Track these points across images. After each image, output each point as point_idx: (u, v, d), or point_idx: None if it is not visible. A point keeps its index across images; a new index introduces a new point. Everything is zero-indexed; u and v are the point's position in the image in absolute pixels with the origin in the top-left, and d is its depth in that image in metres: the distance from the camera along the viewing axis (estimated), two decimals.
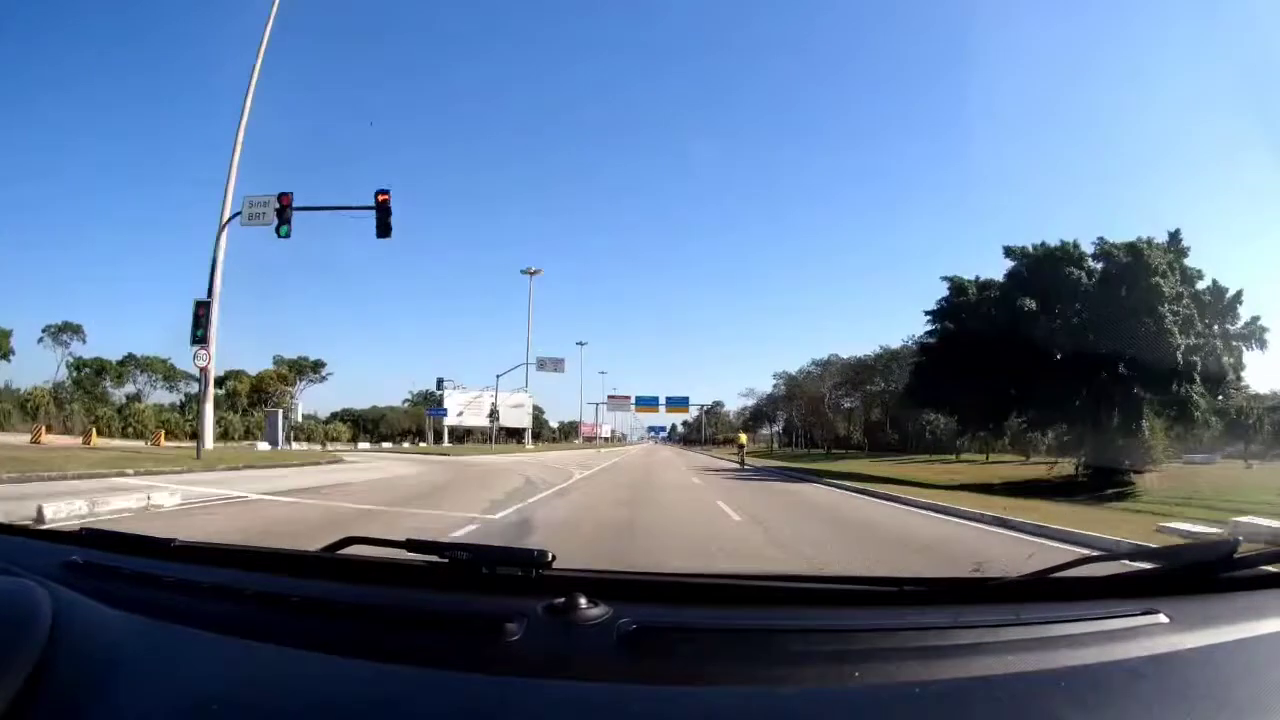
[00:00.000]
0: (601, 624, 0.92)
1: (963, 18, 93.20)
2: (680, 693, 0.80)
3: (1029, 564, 1.27)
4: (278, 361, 73.93)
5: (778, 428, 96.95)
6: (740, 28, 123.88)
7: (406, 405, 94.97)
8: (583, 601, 0.94)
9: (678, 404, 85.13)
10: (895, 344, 61.17)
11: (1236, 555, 1.06)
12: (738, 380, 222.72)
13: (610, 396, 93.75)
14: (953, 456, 45.15)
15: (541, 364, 71.30)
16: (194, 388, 68.13)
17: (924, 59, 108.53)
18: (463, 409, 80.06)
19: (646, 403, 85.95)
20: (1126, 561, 1.39)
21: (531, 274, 72.93)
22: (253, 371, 70.11)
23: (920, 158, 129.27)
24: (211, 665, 0.86)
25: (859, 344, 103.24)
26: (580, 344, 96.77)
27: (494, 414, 70.38)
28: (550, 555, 1.05)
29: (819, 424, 76.92)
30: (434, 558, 1.13)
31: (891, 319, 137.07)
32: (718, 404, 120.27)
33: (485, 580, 1.07)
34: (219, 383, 69.47)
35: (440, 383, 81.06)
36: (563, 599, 0.94)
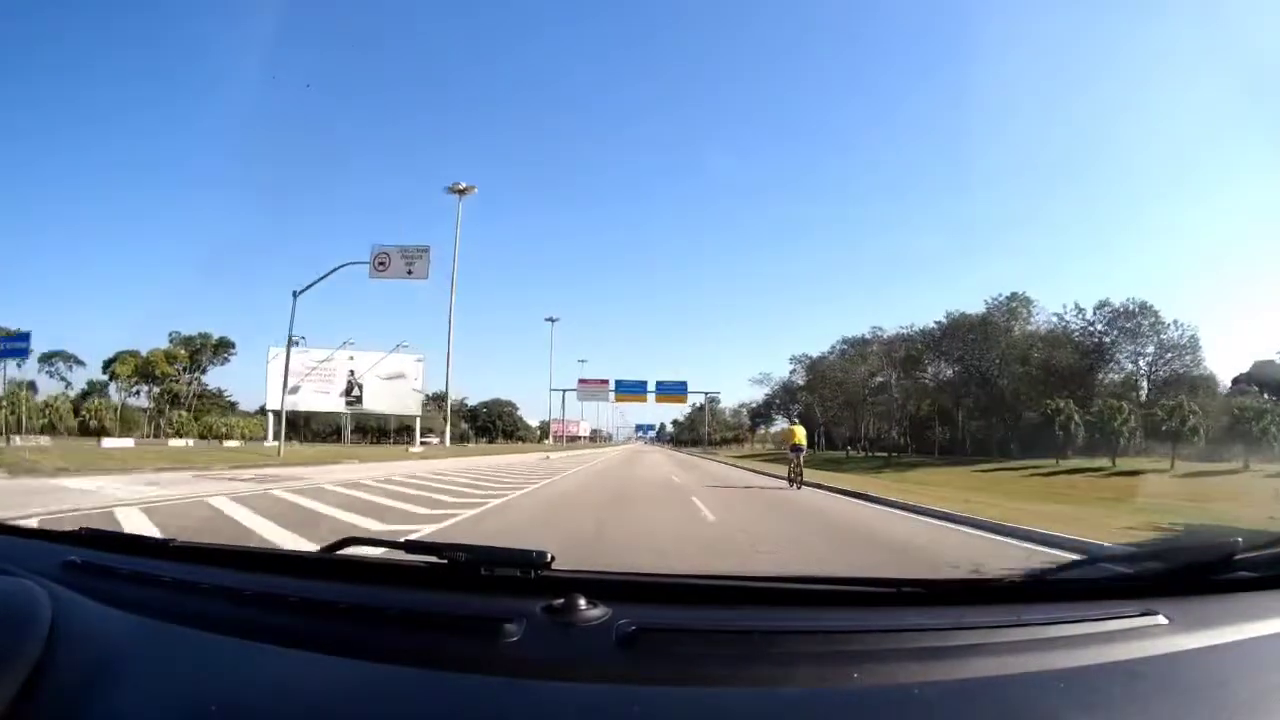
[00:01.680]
0: (600, 625, 0.92)
1: None
2: (679, 693, 0.80)
3: (1028, 565, 1.25)
4: (174, 339, 60.31)
5: (779, 425, 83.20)
6: None
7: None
8: (582, 602, 0.94)
9: (671, 391, 63.36)
10: (972, 308, 47.58)
11: (1236, 556, 1.05)
12: (739, 372, 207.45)
13: (582, 381, 68.04)
14: (1106, 463, 29.37)
15: (379, 264, 30.90)
16: (76, 372, 55.46)
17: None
18: (299, 382, 46.40)
19: (629, 389, 63.50)
20: (1125, 563, 1.36)
21: (460, 193, 48.72)
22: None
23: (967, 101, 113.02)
24: (210, 665, 0.87)
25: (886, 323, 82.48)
26: (550, 320, 74.33)
27: (351, 390, 49.39)
28: (549, 556, 1.05)
29: (851, 419, 60.46)
30: (433, 559, 1.12)
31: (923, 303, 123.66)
32: (713, 399, 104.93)
33: (484, 581, 1.07)
34: (103, 366, 56.57)
35: (296, 342, 51.31)
36: (561, 600, 0.94)
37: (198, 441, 43.78)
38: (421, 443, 58.00)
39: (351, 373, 52.13)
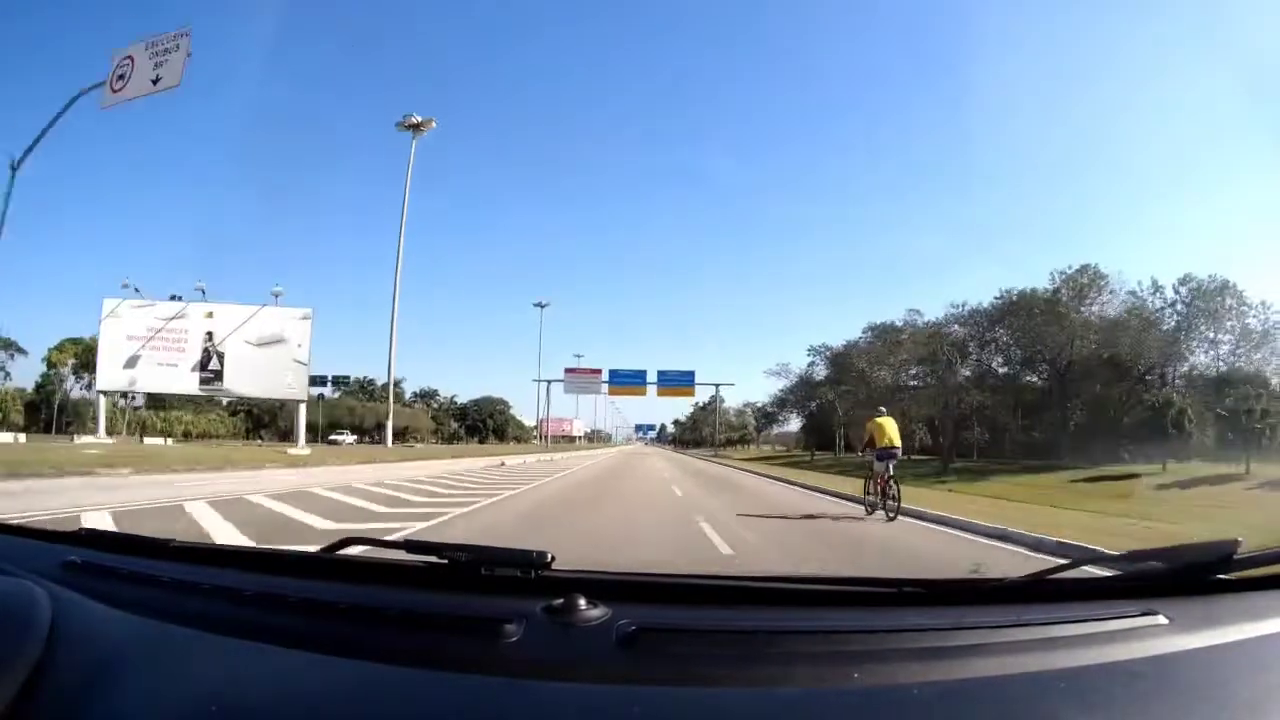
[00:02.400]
0: (600, 625, 0.92)
1: None
2: (680, 694, 0.80)
3: (1028, 565, 1.24)
4: None
5: (789, 426, 71.26)
6: None
7: (338, 393, 72.78)
8: (582, 602, 0.94)
9: (675, 383, 53.72)
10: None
11: (1236, 556, 1.05)
12: (744, 371, 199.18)
13: (569, 371, 57.43)
14: (1235, 469, 22.77)
15: (118, 79, 18.71)
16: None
17: None
18: (140, 349, 34.79)
19: (626, 380, 53.72)
20: (1126, 563, 1.35)
21: (414, 128, 37.93)
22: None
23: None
24: (210, 666, 0.87)
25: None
26: (540, 305, 63.77)
27: (207, 362, 34.46)
28: (549, 556, 1.05)
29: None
30: (433, 558, 1.12)
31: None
32: (716, 396, 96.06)
33: (484, 581, 1.07)
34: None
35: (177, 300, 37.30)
36: (562, 600, 0.95)
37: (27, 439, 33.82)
38: (329, 440, 46.21)
39: (209, 336, 35.70)
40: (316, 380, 56.26)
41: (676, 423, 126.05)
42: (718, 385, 69.01)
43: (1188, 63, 69.51)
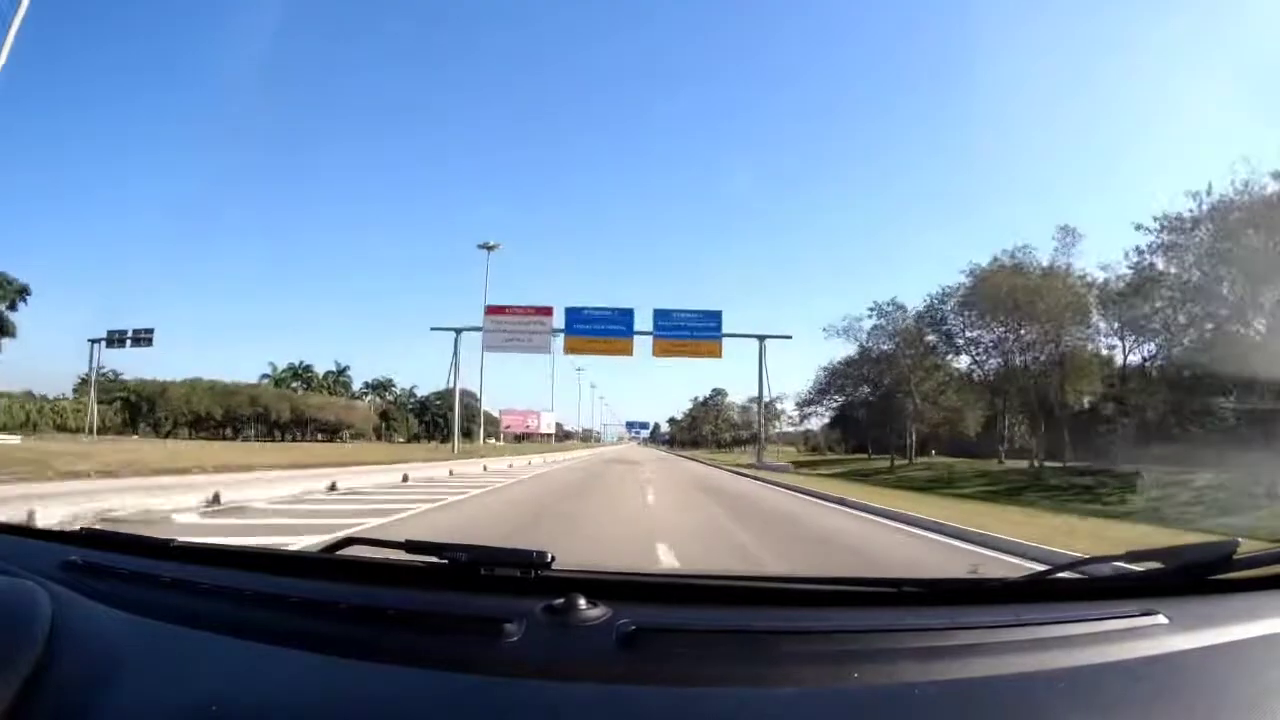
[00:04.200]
0: (600, 625, 0.92)
1: None
2: (679, 693, 0.81)
3: (1027, 566, 1.24)
4: None
5: (821, 421, 55.65)
6: None
7: (265, 381, 65.69)
8: (581, 602, 0.95)
9: (688, 332, 32.84)
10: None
11: (1235, 556, 1.06)
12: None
13: (493, 310, 35.52)
14: None
15: None
16: None
17: None
18: None
19: (594, 327, 32.50)
20: (1125, 563, 1.34)
21: None
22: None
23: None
24: (210, 666, 0.87)
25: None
26: (486, 247, 40.30)
27: None
28: (549, 556, 1.06)
29: (981, 407, 35.84)
30: (433, 559, 1.13)
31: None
32: (718, 392, 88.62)
33: (484, 581, 1.08)
34: None
35: None
36: (561, 600, 0.95)
37: None
38: None
39: None
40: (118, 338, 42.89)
41: (672, 420, 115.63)
42: (761, 338, 39.83)
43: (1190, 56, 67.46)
